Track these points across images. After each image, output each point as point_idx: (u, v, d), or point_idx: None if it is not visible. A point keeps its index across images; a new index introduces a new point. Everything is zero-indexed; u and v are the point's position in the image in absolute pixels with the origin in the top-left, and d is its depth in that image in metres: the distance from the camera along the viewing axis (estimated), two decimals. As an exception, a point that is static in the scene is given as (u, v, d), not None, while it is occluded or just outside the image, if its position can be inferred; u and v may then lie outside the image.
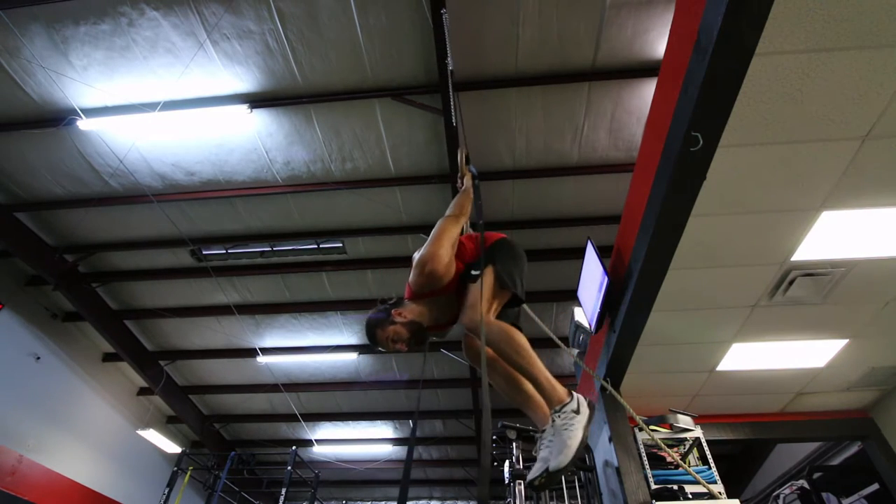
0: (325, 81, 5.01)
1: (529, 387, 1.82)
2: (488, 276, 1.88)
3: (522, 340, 1.74)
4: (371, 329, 1.95)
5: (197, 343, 8.56)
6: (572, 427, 1.57)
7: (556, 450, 1.56)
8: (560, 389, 1.67)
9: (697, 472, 3.40)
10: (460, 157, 2.48)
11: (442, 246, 1.90)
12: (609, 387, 2.97)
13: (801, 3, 2.07)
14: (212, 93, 5.09)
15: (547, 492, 3.88)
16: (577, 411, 1.60)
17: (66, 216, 6.47)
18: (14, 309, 7.17)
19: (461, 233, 2.13)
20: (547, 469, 1.55)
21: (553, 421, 1.63)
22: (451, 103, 3.13)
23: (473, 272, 1.88)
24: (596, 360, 4.33)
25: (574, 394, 1.67)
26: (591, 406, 1.65)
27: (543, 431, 1.68)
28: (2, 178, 5.98)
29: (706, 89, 2.12)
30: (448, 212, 2.11)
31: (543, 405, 1.76)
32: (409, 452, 1.66)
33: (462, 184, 2.42)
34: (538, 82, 4.90)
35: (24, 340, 7.33)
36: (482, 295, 1.74)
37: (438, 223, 2.02)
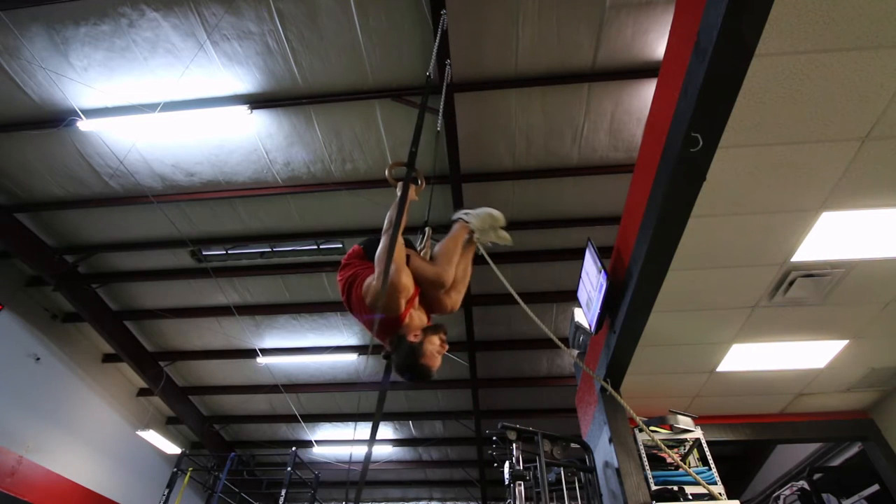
0: (325, 82, 5.01)
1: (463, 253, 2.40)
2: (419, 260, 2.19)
3: (449, 246, 2.27)
4: (414, 366, 1.91)
5: (197, 344, 8.55)
6: (479, 215, 2.43)
7: (482, 220, 2.42)
8: (460, 229, 2.37)
9: (697, 473, 3.40)
10: (387, 172, 2.40)
11: (391, 261, 1.87)
12: (609, 388, 2.97)
13: (801, 3, 2.07)
14: (212, 94, 5.09)
15: (547, 492, 3.88)
16: (467, 214, 2.45)
17: (67, 217, 6.47)
18: (14, 310, 7.17)
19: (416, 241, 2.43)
20: (492, 214, 2.44)
21: (474, 232, 2.41)
22: (422, 110, 3.16)
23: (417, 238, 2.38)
24: (596, 360, 4.33)
25: (460, 218, 2.43)
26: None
27: (477, 239, 2.42)
28: (2, 179, 5.97)
29: (706, 90, 2.12)
30: (384, 228, 2.08)
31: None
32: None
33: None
34: (538, 83, 4.90)
35: (24, 341, 7.33)
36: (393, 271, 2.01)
37: (380, 244, 2.00)
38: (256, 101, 5.11)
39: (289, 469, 7.63)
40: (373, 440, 1.70)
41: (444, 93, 4.03)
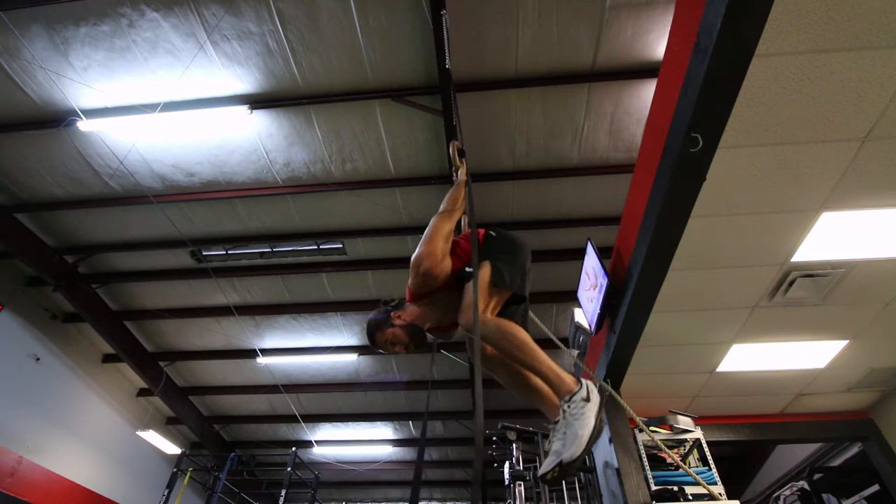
0: (325, 82, 5.01)
1: (537, 381, 1.77)
2: (484, 273, 1.84)
3: (522, 335, 1.70)
4: (371, 331, 1.99)
5: (197, 344, 8.55)
6: (583, 416, 1.51)
7: (569, 440, 1.49)
8: (568, 379, 1.62)
9: (697, 474, 3.39)
10: (452, 149, 2.39)
11: (436, 244, 1.88)
12: (609, 388, 2.98)
13: (801, 3, 2.07)
14: (212, 94, 5.09)
15: (547, 492, 3.88)
16: (587, 399, 1.55)
17: (67, 217, 6.47)
18: (14, 310, 7.17)
19: (459, 228, 2.12)
20: (560, 462, 1.48)
21: (563, 411, 1.56)
22: (452, 101, 3.20)
23: (468, 269, 1.86)
24: (596, 361, 4.33)
25: (583, 381, 1.61)
26: (602, 391, 1.61)
27: (556, 423, 1.59)
28: (2, 180, 5.97)
29: (706, 90, 2.13)
30: (441, 208, 2.06)
31: (553, 397, 1.68)
32: (420, 455, 1.65)
33: (456, 177, 2.35)
34: (538, 83, 4.90)
35: (24, 341, 7.33)
36: (478, 293, 1.64)
37: (432, 221, 1.99)
38: (256, 102, 5.11)
39: (289, 469, 7.63)
40: (423, 437, 1.68)
41: (453, 92, 4.02)
